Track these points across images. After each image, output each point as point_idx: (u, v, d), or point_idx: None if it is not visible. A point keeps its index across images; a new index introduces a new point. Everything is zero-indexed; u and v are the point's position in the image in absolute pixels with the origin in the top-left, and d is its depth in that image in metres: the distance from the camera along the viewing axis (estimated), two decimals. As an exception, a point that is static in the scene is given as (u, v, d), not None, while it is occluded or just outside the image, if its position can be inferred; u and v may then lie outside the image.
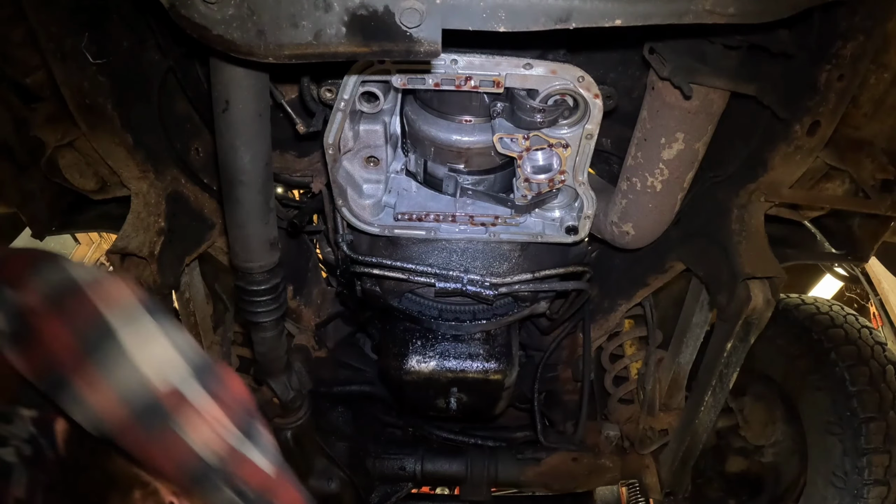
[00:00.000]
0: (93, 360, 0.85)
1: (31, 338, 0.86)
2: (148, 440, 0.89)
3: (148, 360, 0.87)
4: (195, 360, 0.93)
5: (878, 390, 1.85)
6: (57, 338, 0.85)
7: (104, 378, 0.85)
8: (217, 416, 0.93)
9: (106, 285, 0.90)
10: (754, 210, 1.45)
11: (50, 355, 0.86)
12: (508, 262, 1.57)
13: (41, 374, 0.88)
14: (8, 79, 1.48)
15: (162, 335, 0.90)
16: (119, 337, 0.86)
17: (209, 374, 0.94)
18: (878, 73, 1.25)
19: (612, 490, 3.11)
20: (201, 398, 0.91)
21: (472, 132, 1.33)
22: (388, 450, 2.51)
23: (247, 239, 1.31)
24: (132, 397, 0.86)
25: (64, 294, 0.87)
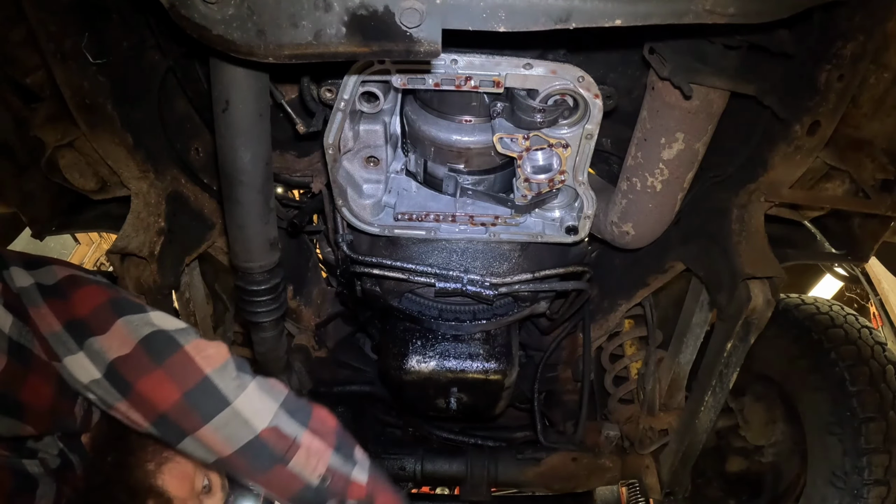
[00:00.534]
0: (200, 411, 0.97)
1: (134, 391, 0.97)
2: (258, 472, 1.02)
3: (246, 406, 1.00)
4: (284, 400, 1.06)
5: (878, 390, 1.84)
6: (164, 393, 0.97)
7: (212, 426, 0.97)
8: (314, 444, 1.05)
9: (202, 345, 1.02)
10: (754, 210, 1.45)
11: (156, 405, 0.97)
12: (508, 262, 1.57)
13: (150, 420, 0.99)
14: (8, 79, 1.48)
15: (254, 384, 1.03)
16: (221, 391, 0.99)
17: (300, 410, 1.07)
18: (878, 73, 1.25)
19: (612, 490, 3.10)
20: (298, 430, 1.04)
21: (472, 132, 1.33)
22: (388, 450, 2.51)
23: (247, 239, 1.31)
24: (236, 439, 0.99)
25: (164, 351, 0.99)
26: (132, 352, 0.97)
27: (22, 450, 1.02)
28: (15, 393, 0.95)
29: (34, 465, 1.02)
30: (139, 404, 0.98)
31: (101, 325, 0.99)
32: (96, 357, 0.97)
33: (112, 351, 0.97)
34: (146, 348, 0.98)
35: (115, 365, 0.97)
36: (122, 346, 0.98)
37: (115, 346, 0.97)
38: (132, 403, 0.98)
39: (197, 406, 0.98)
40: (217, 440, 0.99)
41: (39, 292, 1.00)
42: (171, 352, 0.99)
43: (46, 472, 1.03)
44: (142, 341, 0.98)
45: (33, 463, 1.02)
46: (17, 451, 1.01)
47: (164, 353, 0.99)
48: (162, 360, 0.98)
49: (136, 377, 0.97)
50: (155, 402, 0.97)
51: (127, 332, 0.99)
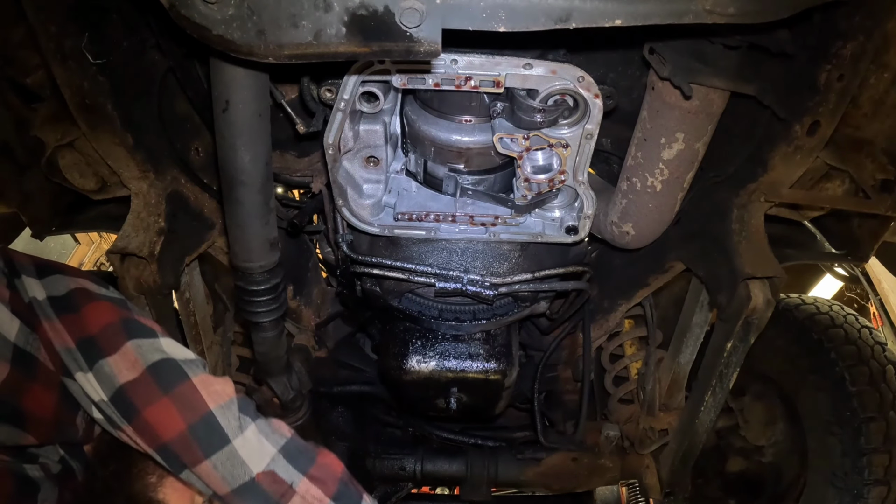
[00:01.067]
0: (201, 446, 0.99)
1: (140, 418, 0.99)
2: None
3: (244, 447, 1.01)
4: (285, 444, 1.07)
5: (878, 390, 1.84)
6: (169, 423, 0.99)
7: (211, 463, 0.99)
8: (312, 492, 1.06)
9: (209, 380, 1.04)
10: (754, 210, 1.45)
11: (160, 434, 0.99)
12: (508, 262, 1.57)
13: (153, 447, 1.00)
14: (8, 79, 1.48)
15: (254, 426, 1.04)
16: (223, 428, 1.00)
17: (302, 455, 1.08)
18: (878, 73, 1.25)
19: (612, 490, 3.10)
20: (295, 477, 1.05)
21: (472, 132, 1.33)
22: (388, 450, 2.51)
23: (247, 239, 1.31)
24: (232, 479, 1.00)
25: (172, 381, 1.00)
26: (140, 377, 0.99)
27: (23, 454, 1.02)
28: (16, 401, 0.95)
29: (35, 469, 1.02)
30: (144, 431, 0.99)
31: (111, 346, 1.00)
32: (105, 379, 0.98)
33: (121, 374, 0.98)
34: (154, 376, 0.99)
35: (123, 389, 0.98)
36: (130, 370, 0.99)
37: (123, 370, 0.99)
38: (137, 429, 0.99)
39: (199, 440, 0.99)
40: (215, 477, 1.00)
41: (52, 306, 1.01)
42: (179, 382, 1.00)
43: (47, 477, 1.03)
44: (150, 368, 1.00)
45: (34, 467, 1.02)
46: (19, 455, 1.01)
47: (172, 382, 1.00)
48: (169, 389, 0.99)
49: (144, 404, 0.98)
50: (159, 430, 0.98)
51: (136, 356, 1.00)
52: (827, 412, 1.93)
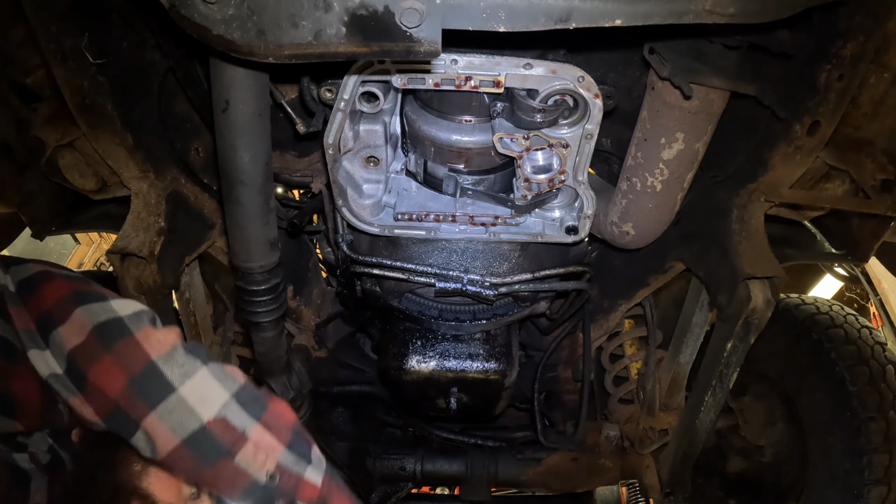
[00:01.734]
0: (145, 399, 0.94)
1: (88, 383, 0.95)
2: (203, 468, 0.97)
3: (192, 394, 0.96)
4: (238, 390, 1.01)
5: (878, 390, 1.84)
6: (112, 380, 0.94)
7: (157, 414, 0.94)
8: (265, 440, 1.00)
9: (151, 331, 0.99)
10: (754, 210, 1.45)
11: (107, 395, 0.95)
12: (508, 262, 1.57)
13: (102, 414, 0.97)
14: (8, 79, 1.48)
15: (204, 371, 0.99)
16: (166, 377, 0.96)
17: (255, 402, 1.02)
18: (878, 73, 1.25)
19: (612, 490, 3.11)
20: (247, 423, 0.99)
21: (472, 132, 1.33)
22: (388, 450, 2.51)
23: (247, 239, 1.31)
24: (182, 429, 0.95)
25: (114, 337, 0.96)
26: (86, 339, 0.95)
27: (13, 443, 1.00)
28: (5, 386, 0.94)
29: (25, 460, 1.00)
30: (93, 395, 0.95)
31: (62, 316, 0.97)
32: (58, 351, 0.95)
33: (70, 341, 0.95)
34: (97, 335, 0.95)
35: (71, 356, 0.95)
36: (78, 334, 0.95)
37: (72, 336, 0.95)
38: (87, 397, 0.96)
39: (142, 393, 0.94)
40: (162, 431, 0.95)
41: (17, 290, 1.00)
42: (120, 337, 0.96)
43: (38, 468, 1.02)
44: (95, 328, 0.96)
45: (24, 457, 1.00)
46: (9, 444, 0.99)
47: (114, 338, 0.96)
48: (111, 346, 0.95)
49: (88, 366, 0.94)
50: (105, 390, 0.94)
51: (83, 320, 0.96)
52: (827, 412, 1.93)
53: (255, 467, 0.99)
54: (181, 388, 0.95)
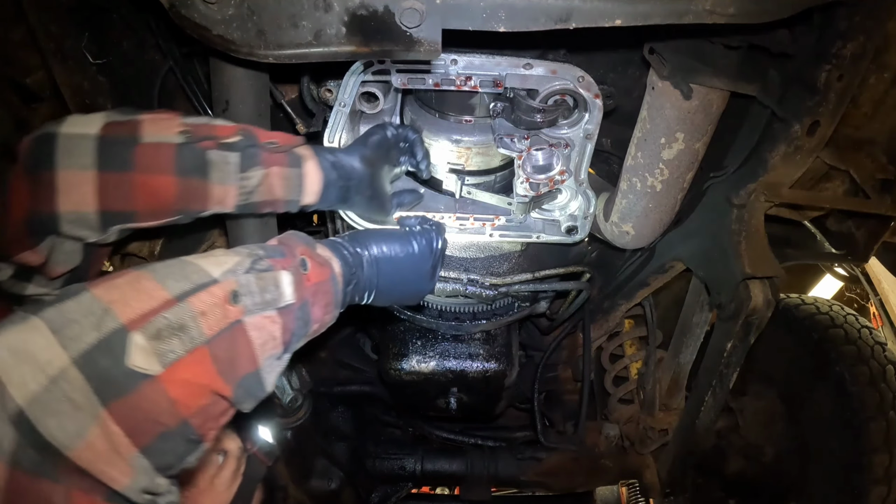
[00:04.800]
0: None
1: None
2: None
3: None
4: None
5: (878, 390, 1.84)
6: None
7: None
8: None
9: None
10: (754, 210, 1.44)
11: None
12: (508, 262, 1.57)
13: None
14: (8, 79, 1.48)
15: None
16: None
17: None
18: (878, 73, 1.24)
19: (612, 490, 3.10)
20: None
21: (472, 132, 1.33)
22: (388, 450, 2.51)
23: (247, 239, 1.31)
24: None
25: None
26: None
27: None
28: None
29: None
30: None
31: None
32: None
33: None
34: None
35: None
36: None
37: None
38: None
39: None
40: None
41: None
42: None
43: None
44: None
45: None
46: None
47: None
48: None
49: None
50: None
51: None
52: (827, 412, 1.92)
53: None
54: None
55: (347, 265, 0.90)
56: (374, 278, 0.95)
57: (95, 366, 0.56)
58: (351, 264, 0.90)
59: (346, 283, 0.89)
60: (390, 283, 0.98)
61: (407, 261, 0.98)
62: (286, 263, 0.77)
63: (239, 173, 0.98)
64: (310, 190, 1.08)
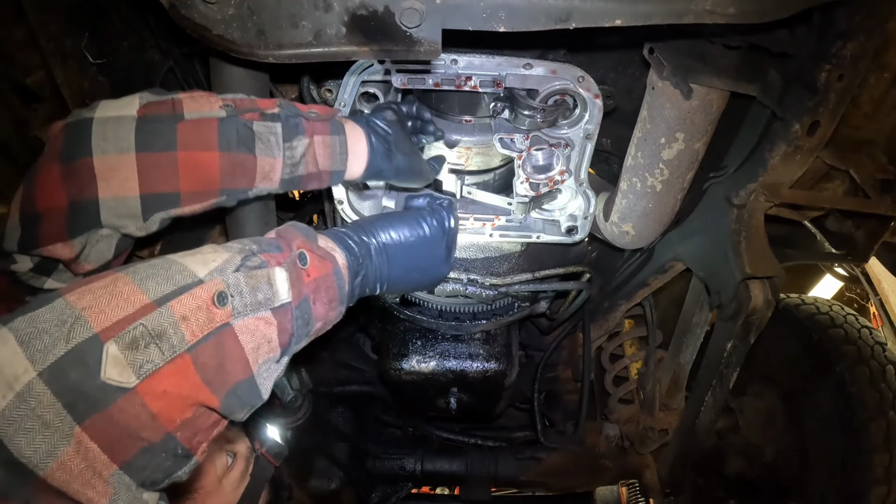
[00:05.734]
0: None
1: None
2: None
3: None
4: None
5: (878, 390, 1.84)
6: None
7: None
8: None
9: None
10: (754, 210, 1.44)
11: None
12: (508, 262, 1.57)
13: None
14: (8, 79, 1.48)
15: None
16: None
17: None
18: (878, 73, 1.24)
19: (612, 490, 3.10)
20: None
21: (473, 132, 1.33)
22: (388, 450, 2.52)
23: (247, 235, 1.31)
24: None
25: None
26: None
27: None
28: None
29: None
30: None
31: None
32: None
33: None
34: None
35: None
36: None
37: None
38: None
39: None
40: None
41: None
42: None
43: None
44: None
45: None
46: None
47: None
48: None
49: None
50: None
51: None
52: (827, 412, 1.92)
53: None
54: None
55: (353, 256, 0.85)
56: (385, 267, 0.91)
57: (66, 380, 0.52)
58: (357, 255, 0.86)
59: (353, 275, 0.85)
60: (403, 271, 0.94)
61: (418, 245, 0.95)
62: (281, 258, 0.72)
63: (283, 143, 0.94)
64: (356, 152, 1.02)
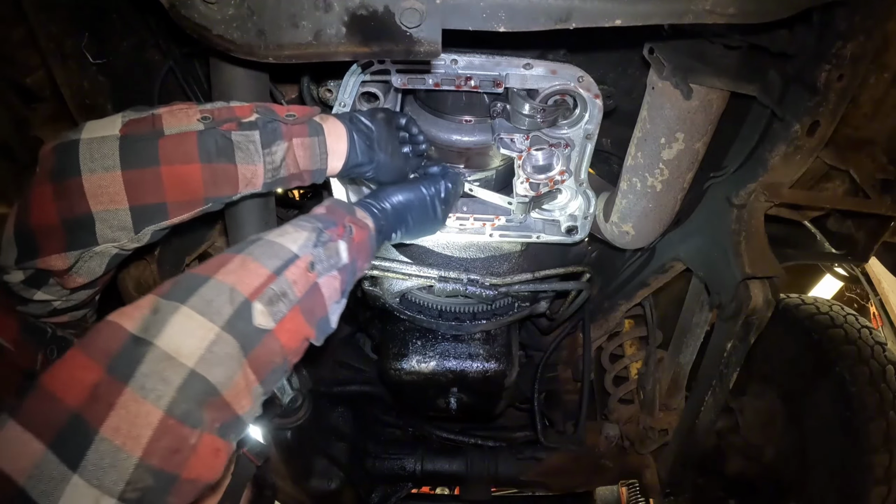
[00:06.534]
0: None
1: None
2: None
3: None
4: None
5: (878, 390, 1.84)
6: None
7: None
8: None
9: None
10: (754, 210, 1.44)
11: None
12: (508, 262, 1.57)
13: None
14: (8, 79, 1.48)
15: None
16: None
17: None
18: (878, 73, 1.24)
19: (612, 490, 3.10)
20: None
21: (472, 132, 1.33)
22: (388, 450, 2.52)
23: (247, 231, 1.31)
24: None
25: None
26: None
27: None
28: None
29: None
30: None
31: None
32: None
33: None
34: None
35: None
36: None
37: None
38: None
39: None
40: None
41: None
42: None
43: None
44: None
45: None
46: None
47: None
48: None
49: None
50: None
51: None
52: (827, 412, 1.92)
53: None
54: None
55: (378, 220, 1.10)
56: (397, 224, 1.17)
57: (237, 328, 0.77)
58: (380, 218, 1.11)
59: (378, 233, 1.11)
60: (410, 225, 1.20)
61: (419, 206, 1.19)
62: (340, 233, 0.96)
63: (262, 150, 1.00)
64: (335, 150, 1.09)
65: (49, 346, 1.03)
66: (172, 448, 0.69)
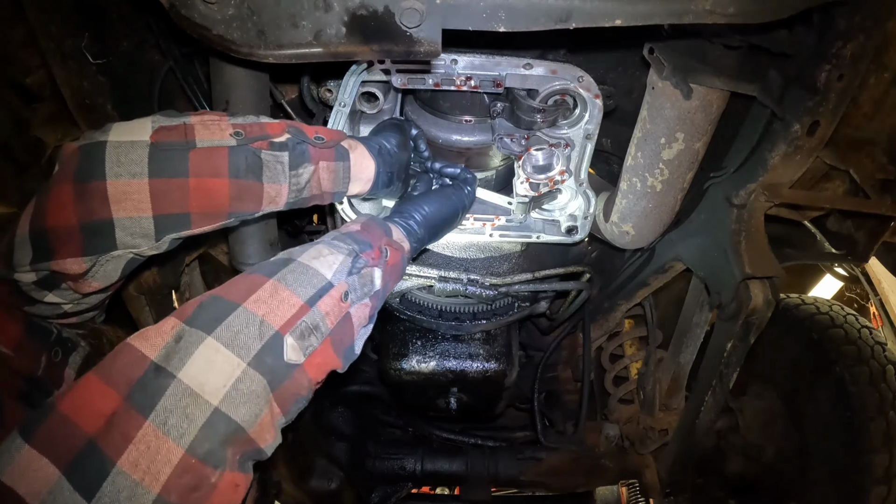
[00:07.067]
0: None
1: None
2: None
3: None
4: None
5: (878, 390, 1.84)
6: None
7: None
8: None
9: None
10: (754, 210, 1.44)
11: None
12: (508, 262, 1.57)
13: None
14: (8, 79, 1.48)
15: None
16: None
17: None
18: (878, 73, 1.24)
19: (612, 490, 3.11)
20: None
21: (472, 132, 1.33)
22: (388, 450, 2.51)
23: (246, 239, 1.31)
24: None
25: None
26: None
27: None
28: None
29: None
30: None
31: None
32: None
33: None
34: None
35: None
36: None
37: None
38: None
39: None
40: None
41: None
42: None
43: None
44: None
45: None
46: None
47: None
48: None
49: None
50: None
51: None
52: (827, 412, 1.92)
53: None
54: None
55: (412, 240, 1.10)
56: (429, 240, 1.19)
57: (265, 364, 0.75)
58: (415, 238, 1.11)
59: (412, 252, 1.11)
60: (438, 238, 1.23)
61: (452, 218, 1.22)
62: (376, 257, 0.95)
63: (289, 171, 1.00)
64: (362, 177, 1.12)
65: (54, 348, 1.03)
66: (192, 486, 0.68)
